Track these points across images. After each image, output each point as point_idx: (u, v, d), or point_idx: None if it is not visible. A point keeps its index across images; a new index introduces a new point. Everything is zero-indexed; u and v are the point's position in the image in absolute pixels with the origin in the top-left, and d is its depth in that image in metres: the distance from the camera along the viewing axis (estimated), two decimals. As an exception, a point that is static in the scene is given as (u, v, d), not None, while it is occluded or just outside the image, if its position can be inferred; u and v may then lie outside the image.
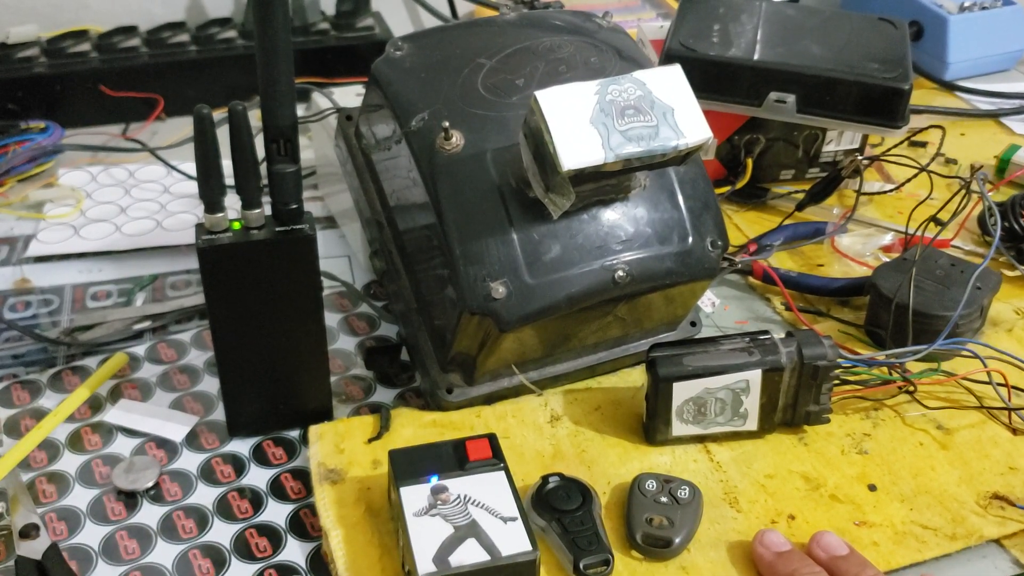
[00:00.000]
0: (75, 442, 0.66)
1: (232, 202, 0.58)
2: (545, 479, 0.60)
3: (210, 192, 0.58)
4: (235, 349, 0.63)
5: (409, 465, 0.58)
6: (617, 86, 0.57)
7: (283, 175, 0.59)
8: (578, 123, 0.56)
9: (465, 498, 0.56)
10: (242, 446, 0.66)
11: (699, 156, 0.63)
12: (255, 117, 0.56)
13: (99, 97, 1.03)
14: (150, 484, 0.63)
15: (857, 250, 0.84)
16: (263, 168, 0.59)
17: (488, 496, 0.56)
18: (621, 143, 0.56)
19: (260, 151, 0.59)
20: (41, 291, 0.81)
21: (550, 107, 0.56)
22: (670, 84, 0.58)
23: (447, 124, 0.61)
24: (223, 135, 0.56)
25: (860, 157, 0.89)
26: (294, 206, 0.60)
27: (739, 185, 0.90)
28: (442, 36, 0.70)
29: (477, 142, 0.62)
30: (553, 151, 0.55)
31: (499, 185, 0.61)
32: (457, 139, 0.62)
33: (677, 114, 0.57)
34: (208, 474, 0.64)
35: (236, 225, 0.60)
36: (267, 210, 0.60)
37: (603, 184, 0.61)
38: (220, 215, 0.59)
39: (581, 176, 0.57)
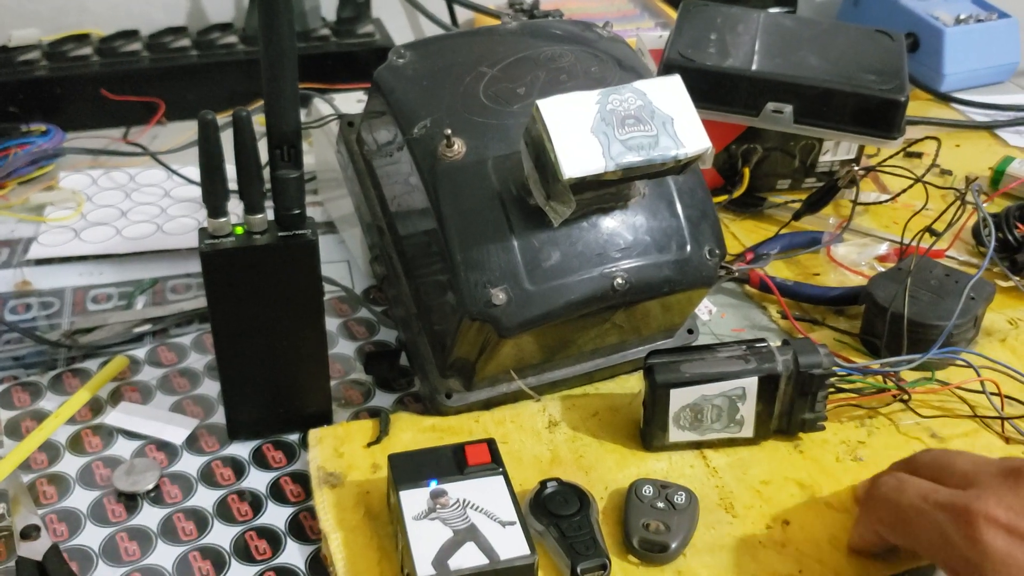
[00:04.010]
0: (76, 444, 0.67)
1: (234, 207, 0.59)
2: (543, 484, 0.61)
3: (214, 197, 0.59)
4: (236, 353, 0.63)
5: (409, 469, 0.58)
6: (618, 95, 0.58)
7: (286, 181, 0.59)
8: (579, 132, 0.56)
9: (464, 502, 0.56)
10: (242, 449, 0.67)
11: (697, 165, 0.63)
12: (257, 122, 0.57)
13: (100, 101, 1.04)
14: (150, 486, 0.63)
15: (853, 259, 0.85)
16: (266, 173, 0.60)
17: (487, 500, 0.57)
18: (621, 152, 0.56)
19: (262, 156, 0.59)
20: (41, 294, 0.81)
21: (552, 116, 0.56)
22: (670, 94, 0.59)
23: (449, 132, 0.62)
24: (225, 139, 0.57)
25: (856, 167, 0.90)
26: (297, 211, 0.60)
27: (736, 194, 0.90)
28: (444, 44, 0.70)
29: (478, 149, 0.63)
30: (554, 159, 0.56)
31: (500, 192, 0.62)
32: (459, 146, 0.62)
33: (677, 124, 0.58)
34: (208, 477, 0.65)
35: (239, 230, 0.60)
36: (270, 215, 0.61)
37: (603, 192, 0.62)
38: (223, 220, 0.59)
39: (582, 184, 0.57)
